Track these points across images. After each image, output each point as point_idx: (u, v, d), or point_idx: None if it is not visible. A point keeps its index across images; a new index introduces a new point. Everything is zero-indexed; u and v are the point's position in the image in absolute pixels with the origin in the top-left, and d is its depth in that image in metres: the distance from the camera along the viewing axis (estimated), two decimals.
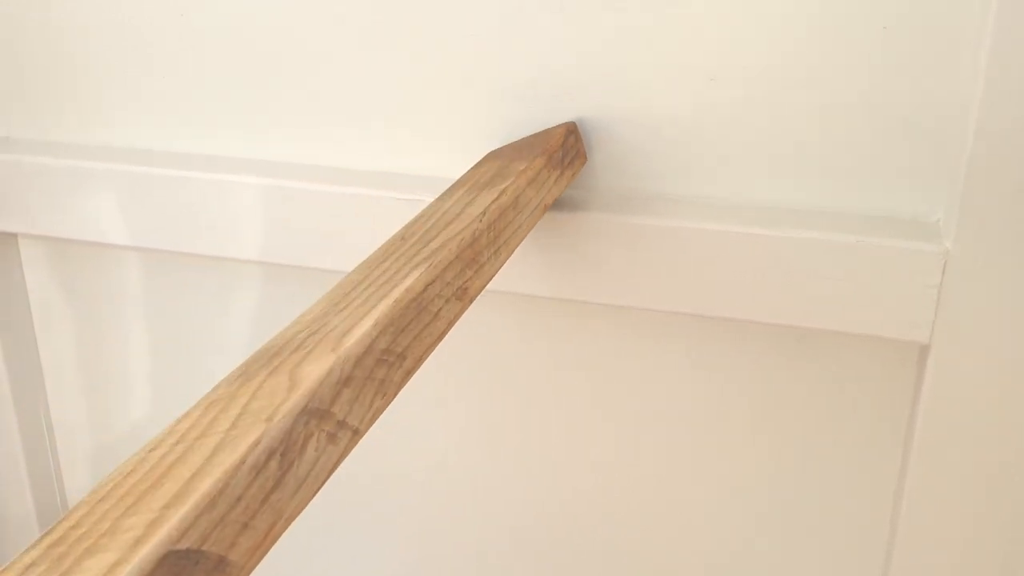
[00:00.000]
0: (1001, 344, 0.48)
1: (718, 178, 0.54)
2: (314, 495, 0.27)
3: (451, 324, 0.37)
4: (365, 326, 0.32)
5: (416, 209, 0.52)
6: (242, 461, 0.25)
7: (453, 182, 0.52)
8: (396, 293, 0.35)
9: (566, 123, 0.55)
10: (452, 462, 0.66)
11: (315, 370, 0.29)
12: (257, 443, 0.26)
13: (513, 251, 0.44)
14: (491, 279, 0.41)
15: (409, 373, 0.33)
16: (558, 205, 0.54)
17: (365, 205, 0.58)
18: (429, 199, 0.56)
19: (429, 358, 0.61)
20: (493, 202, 0.43)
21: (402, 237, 0.43)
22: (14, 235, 0.71)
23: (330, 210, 0.59)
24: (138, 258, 0.69)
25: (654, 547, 0.63)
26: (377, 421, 0.55)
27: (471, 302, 0.39)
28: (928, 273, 0.48)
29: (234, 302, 0.69)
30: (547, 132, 0.54)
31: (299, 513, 0.27)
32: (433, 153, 0.60)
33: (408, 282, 0.35)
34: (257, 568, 0.25)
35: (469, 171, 0.53)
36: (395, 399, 0.33)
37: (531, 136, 0.55)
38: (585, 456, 0.62)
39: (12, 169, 0.65)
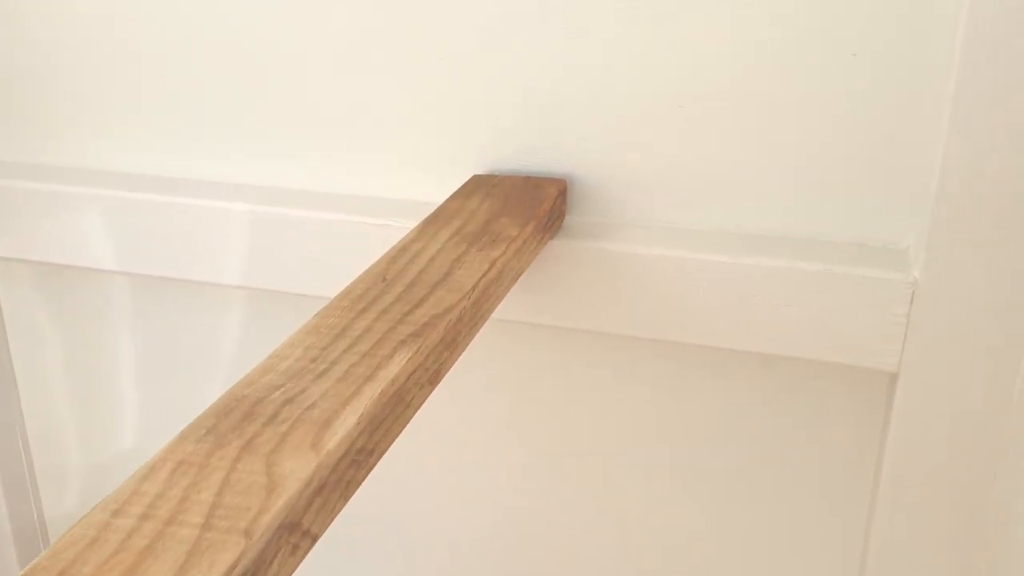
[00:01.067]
0: (969, 373, 0.49)
1: (687, 205, 0.54)
2: None
3: (416, 411, 0.37)
4: (348, 423, 0.32)
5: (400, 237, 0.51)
6: None
7: (437, 207, 0.52)
8: (381, 381, 0.34)
9: (557, 181, 0.55)
10: (427, 482, 0.66)
11: (294, 472, 0.29)
12: (234, 566, 0.25)
13: (483, 325, 0.44)
14: (459, 358, 0.41)
15: (370, 470, 0.33)
16: None
17: (351, 231, 0.57)
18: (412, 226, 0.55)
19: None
20: (483, 277, 0.43)
21: (383, 277, 0.43)
22: None
23: (316, 236, 0.58)
24: (120, 282, 0.69)
25: (624, 570, 0.64)
26: None
27: (438, 385, 0.39)
28: (896, 302, 0.48)
29: (217, 326, 0.68)
30: (538, 188, 0.54)
31: None
32: (419, 178, 0.59)
33: (394, 368, 0.35)
34: None
35: (455, 200, 0.52)
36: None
37: (521, 181, 0.55)
38: (554, 479, 0.63)
39: None
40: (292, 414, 0.32)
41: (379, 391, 0.34)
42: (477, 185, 0.55)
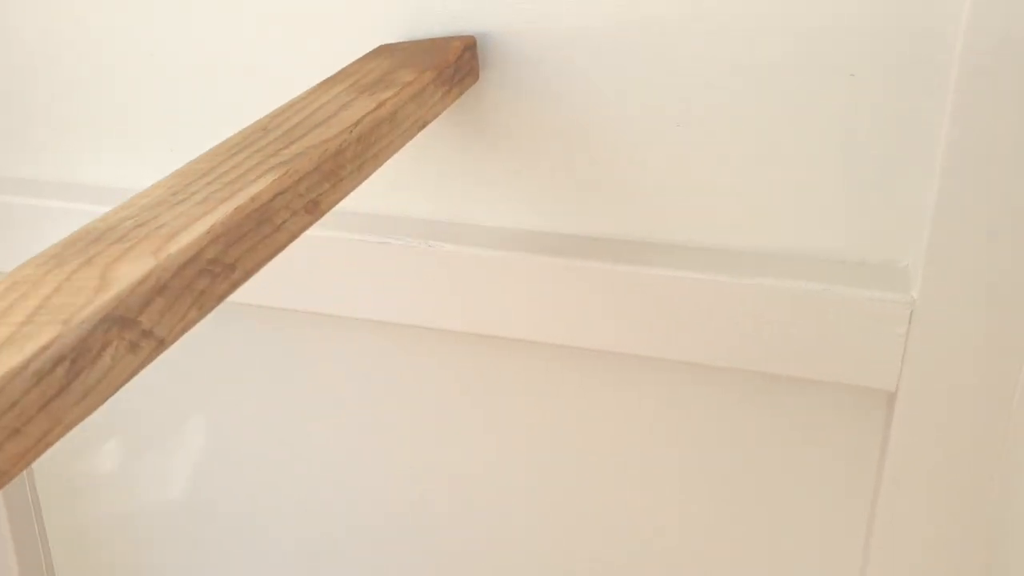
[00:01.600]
0: (967, 392, 0.49)
1: (685, 223, 0.53)
2: (103, 403, 0.26)
3: (294, 237, 0.36)
4: (196, 232, 0.31)
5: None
6: (24, 366, 0.24)
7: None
8: (239, 199, 0.33)
9: (464, 37, 0.53)
10: (421, 508, 0.66)
11: (129, 273, 0.28)
12: (46, 348, 0.24)
13: (380, 166, 0.43)
14: (348, 194, 0.40)
15: (235, 285, 0.32)
16: (536, 249, 0.54)
17: (338, 247, 0.57)
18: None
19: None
20: (368, 114, 0.41)
21: (264, 128, 0.41)
22: None
23: (316, 253, 0.57)
24: None
25: None
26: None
27: (322, 215, 0.38)
28: (895, 322, 0.48)
29: (214, 341, 0.67)
30: (444, 43, 0.52)
31: (81, 420, 0.26)
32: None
33: (255, 189, 0.34)
34: None
35: (356, 63, 0.51)
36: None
37: (428, 42, 0.53)
38: (554, 495, 0.63)
39: None
40: (140, 234, 0.31)
41: (235, 207, 0.32)
42: (381, 50, 0.53)
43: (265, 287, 0.58)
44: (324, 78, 0.48)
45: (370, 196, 0.58)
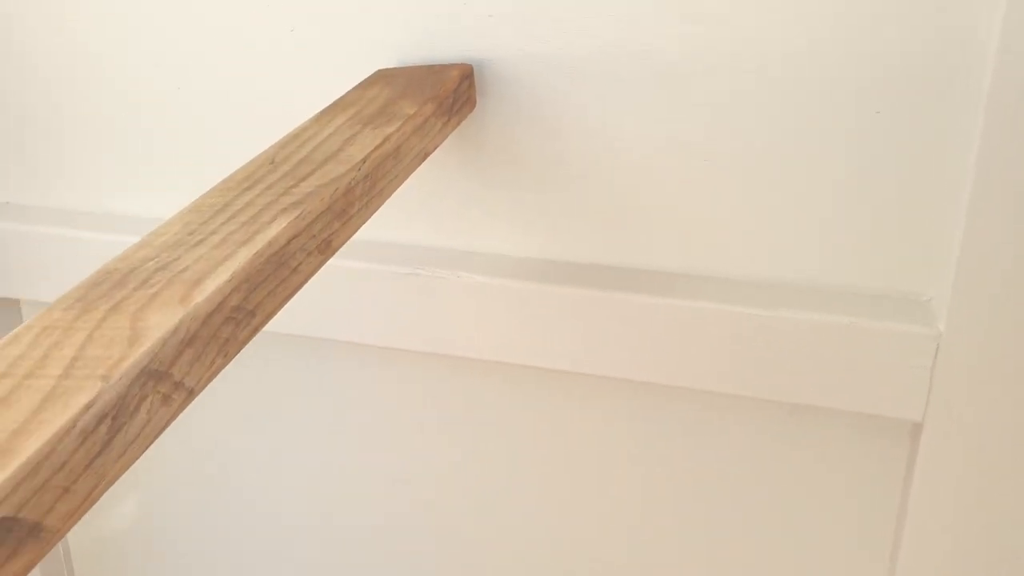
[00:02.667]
0: (993, 424, 0.49)
1: (714, 256, 0.54)
2: (139, 457, 0.27)
3: (308, 278, 0.37)
4: (220, 279, 0.31)
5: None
6: (72, 425, 0.24)
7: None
8: (258, 243, 0.34)
9: (461, 65, 0.54)
10: (432, 534, 0.67)
11: (160, 323, 0.29)
12: (90, 405, 0.25)
13: (385, 201, 0.43)
14: (357, 231, 0.41)
15: (256, 330, 0.33)
16: (561, 280, 0.55)
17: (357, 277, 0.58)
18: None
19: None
20: (375, 150, 0.42)
21: (272, 161, 0.42)
22: (16, 300, 0.70)
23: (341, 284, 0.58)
24: None
25: None
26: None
27: (333, 254, 0.39)
28: (921, 354, 0.49)
29: (241, 368, 0.65)
30: (441, 72, 0.53)
31: (121, 475, 0.26)
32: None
33: (272, 232, 0.34)
34: None
35: (356, 90, 0.51)
36: None
37: (425, 69, 0.54)
38: (570, 526, 0.63)
39: (13, 235, 0.64)
40: (163, 278, 0.32)
41: (254, 252, 0.33)
42: (379, 76, 0.54)
43: (295, 317, 0.59)
44: (325, 103, 0.49)
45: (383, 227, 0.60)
